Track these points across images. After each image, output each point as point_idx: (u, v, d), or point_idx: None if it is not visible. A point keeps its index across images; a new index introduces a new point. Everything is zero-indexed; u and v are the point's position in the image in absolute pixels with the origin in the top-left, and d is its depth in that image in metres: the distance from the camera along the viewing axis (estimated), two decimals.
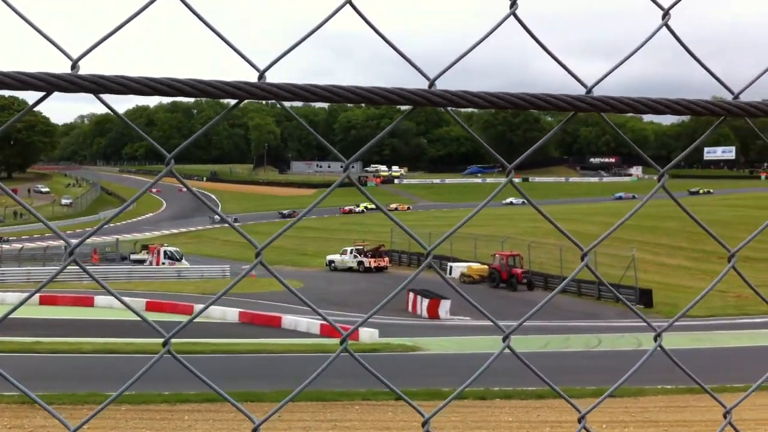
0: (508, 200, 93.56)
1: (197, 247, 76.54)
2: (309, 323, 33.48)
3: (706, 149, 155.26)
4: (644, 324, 1.68)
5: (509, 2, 1.41)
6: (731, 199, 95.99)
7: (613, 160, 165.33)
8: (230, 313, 36.45)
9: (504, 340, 1.58)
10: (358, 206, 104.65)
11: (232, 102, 1.27)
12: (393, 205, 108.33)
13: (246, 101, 1.27)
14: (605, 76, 1.48)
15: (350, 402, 18.78)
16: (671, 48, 1.54)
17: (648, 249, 54.31)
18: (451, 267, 57.03)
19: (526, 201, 1.53)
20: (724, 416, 1.74)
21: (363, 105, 2.47)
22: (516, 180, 1.52)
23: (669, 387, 20.40)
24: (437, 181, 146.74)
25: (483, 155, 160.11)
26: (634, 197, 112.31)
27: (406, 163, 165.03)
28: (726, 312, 39.16)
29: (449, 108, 1.39)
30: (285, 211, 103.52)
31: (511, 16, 1.41)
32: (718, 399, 1.81)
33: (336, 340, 1.27)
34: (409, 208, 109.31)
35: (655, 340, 1.67)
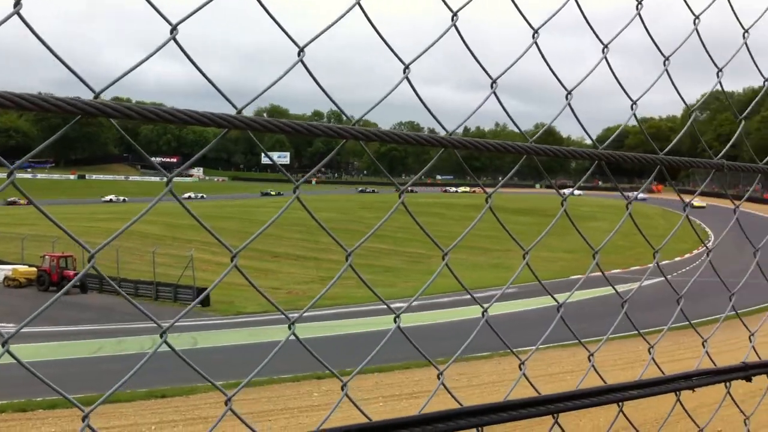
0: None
1: None
2: None
3: (263, 153, 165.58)
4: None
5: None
6: (281, 201, 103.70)
7: (174, 159, 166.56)
8: None
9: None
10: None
11: None
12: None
13: None
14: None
15: None
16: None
17: (207, 249, 55.73)
18: None
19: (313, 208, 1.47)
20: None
21: None
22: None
23: (221, 382, 21.15)
24: None
25: (32, 149, 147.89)
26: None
27: None
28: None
29: None
30: None
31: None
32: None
33: None
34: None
35: (395, 321, 1.96)
